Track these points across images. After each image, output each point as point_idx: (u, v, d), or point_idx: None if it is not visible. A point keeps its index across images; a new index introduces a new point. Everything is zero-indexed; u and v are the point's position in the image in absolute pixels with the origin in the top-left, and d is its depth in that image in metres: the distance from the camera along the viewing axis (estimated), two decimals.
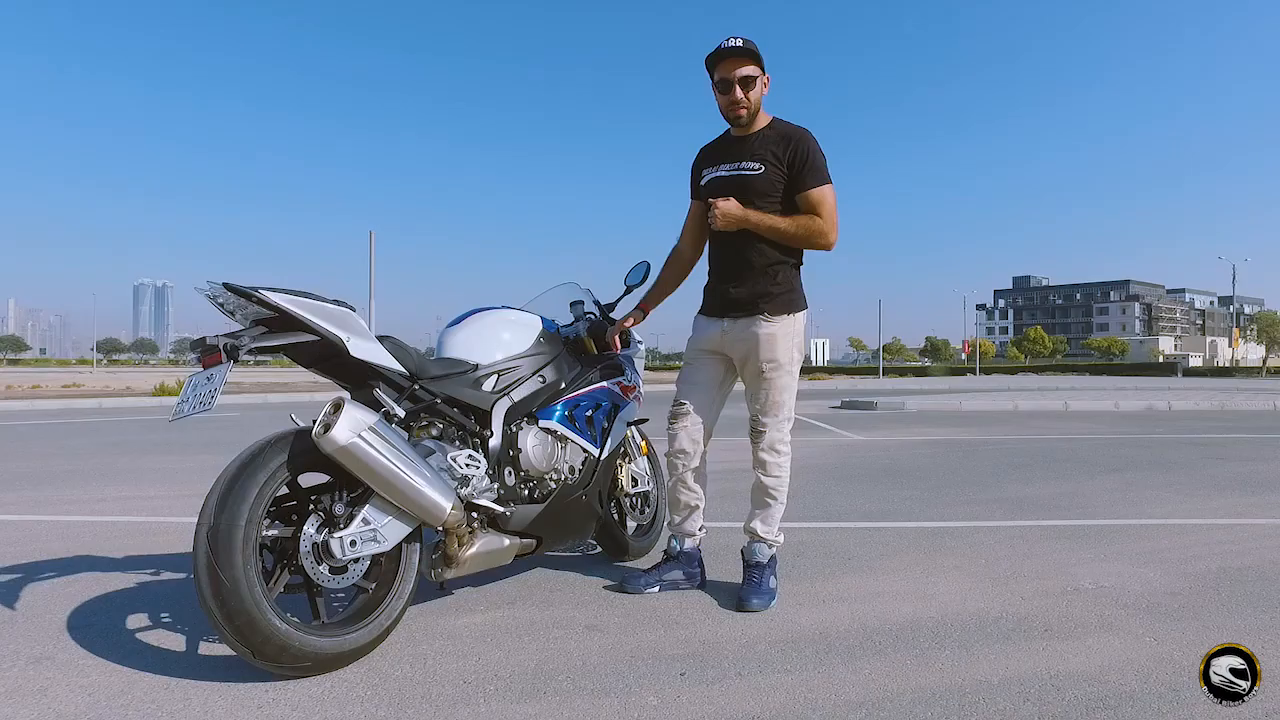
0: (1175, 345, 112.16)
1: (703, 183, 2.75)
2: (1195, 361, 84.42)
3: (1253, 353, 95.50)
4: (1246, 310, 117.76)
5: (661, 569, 2.75)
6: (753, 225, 2.58)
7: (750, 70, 2.57)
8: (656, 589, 2.70)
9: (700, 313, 2.80)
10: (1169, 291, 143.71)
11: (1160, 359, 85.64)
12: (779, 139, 2.63)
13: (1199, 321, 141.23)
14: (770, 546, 2.67)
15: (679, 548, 2.77)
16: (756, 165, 2.61)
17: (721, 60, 2.58)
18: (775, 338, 2.61)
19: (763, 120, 2.68)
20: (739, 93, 2.58)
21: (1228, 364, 75.02)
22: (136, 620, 2.43)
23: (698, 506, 2.78)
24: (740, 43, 2.56)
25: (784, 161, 2.60)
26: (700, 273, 2.92)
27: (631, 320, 2.95)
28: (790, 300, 2.65)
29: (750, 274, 2.64)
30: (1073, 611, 2.49)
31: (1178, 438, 8.14)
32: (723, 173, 2.67)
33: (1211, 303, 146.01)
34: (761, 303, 2.62)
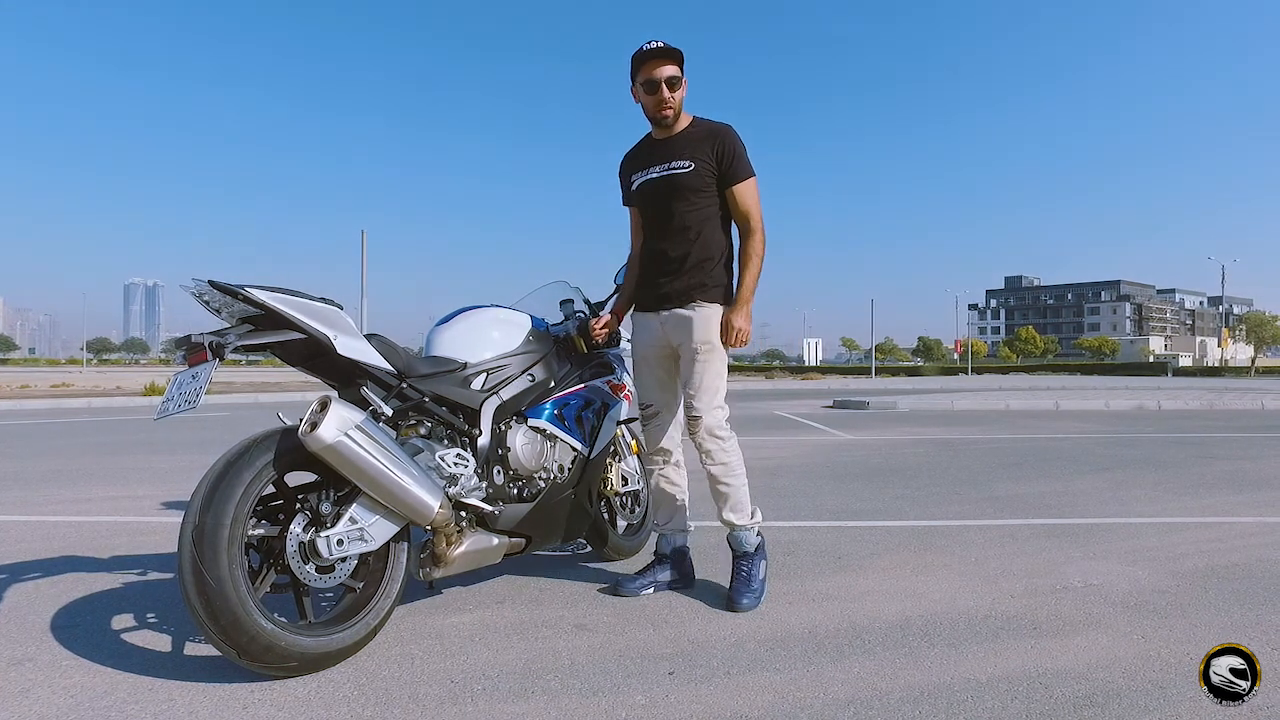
0: (1165, 345, 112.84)
1: (634, 188, 2.78)
2: (1185, 361, 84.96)
3: (1241, 352, 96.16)
4: (1235, 310, 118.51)
5: (654, 570, 2.75)
6: (750, 298, 2.65)
7: (673, 70, 2.62)
8: (651, 590, 2.70)
9: (636, 309, 2.84)
10: (1159, 292, 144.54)
11: (1150, 359, 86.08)
12: (704, 136, 2.68)
13: (1189, 321, 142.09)
14: (750, 530, 2.67)
15: (669, 547, 2.77)
16: (686, 163, 2.65)
17: (645, 62, 2.63)
18: (710, 320, 2.65)
19: (684, 120, 2.72)
20: (665, 92, 2.63)
21: (1217, 364, 75.49)
22: (121, 621, 2.41)
23: (682, 503, 2.80)
24: (661, 44, 2.61)
25: (713, 158, 2.66)
26: None
27: (606, 323, 2.91)
28: (722, 292, 2.70)
29: (685, 269, 2.68)
30: (1061, 609, 2.49)
31: (1167, 437, 8.18)
32: (653, 175, 2.71)
33: (1201, 303, 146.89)
34: (695, 293, 2.67)
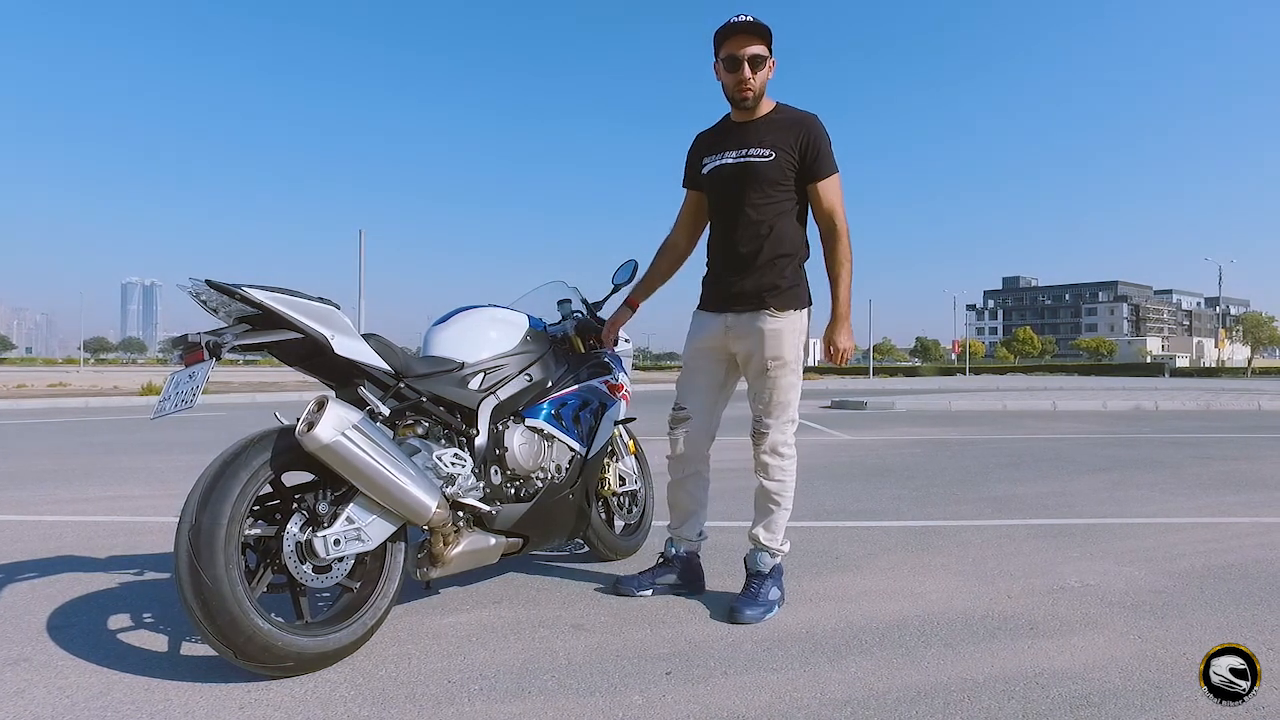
0: (1163, 346, 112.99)
1: (705, 171, 2.61)
2: (1182, 362, 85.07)
3: (1238, 353, 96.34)
4: (1232, 311, 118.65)
5: (656, 572, 2.69)
6: (848, 313, 2.53)
7: (759, 49, 2.44)
8: (649, 592, 2.64)
9: (700, 308, 2.67)
10: (1156, 292, 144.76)
11: (1148, 359, 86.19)
12: (788, 125, 2.51)
13: (1186, 322, 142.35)
14: (774, 555, 2.56)
15: (675, 551, 2.70)
16: (767, 152, 2.48)
17: (730, 36, 2.45)
18: (781, 334, 2.50)
19: (767, 105, 2.55)
20: (747, 71, 2.45)
21: (1214, 364, 75.62)
22: (118, 621, 2.40)
23: (697, 512, 2.71)
24: (750, 19, 2.44)
25: (796, 149, 2.49)
26: (688, 271, 2.88)
27: (620, 318, 2.89)
28: (796, 295, 2.54)
29: (755, 266, 2.52)
30: (1058, 610, 2.50)
31: (1164, 437, 8.20)
32: (729, 160, 2.53)
33: (1198, 304, 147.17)
34: (767, 296, 2.51)
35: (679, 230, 2.80)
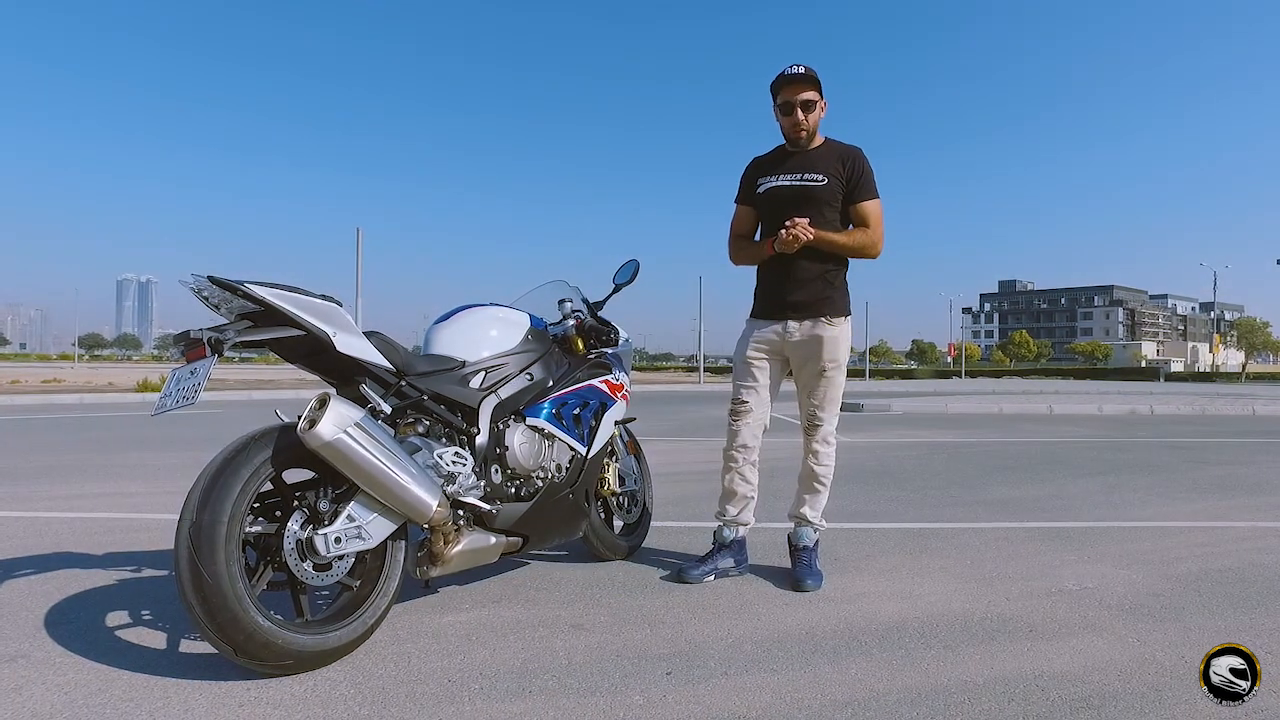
0: (1157, 350, 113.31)
1: (760, 190, 2.90)
2: (1177, 366, 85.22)
3: (1233, 358, 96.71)
4: (1227, 316, 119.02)
5: (716, 557, 2.87)
6: (819, 244, 2.76)
7: (811, 95, 2.78)
8: (712, 577, 2.82)
9: (755, 316, 2.95)
10: (1152, 297, 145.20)
11: (1143, 364, 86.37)
12: (837, 155, 2.84)
13: (1181, 327, 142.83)
14: (816, 530, 2.91)
15: (731, 536, 2.89)
16: (820, 177, 2.80)
17: (785, 85, 2.78)
18: (838, 340, 2.83)
19: (817, 140, 2.88)
20: (800, 115, 2.78)
21: (1208, 369, 75.84)
22: (116, 618, 2.39)
23: (752, 498, 2.93)
24: (802, 70, 2.76)
25: (844, 175, 2.82)
26: (680, 277, 2.96)
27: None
28: (845, 303, 2.89)
29: (811, 279, 2.82)
30: (1056, 612, 2.50)
31: (1160, 441, 8.22)
32: (784, 181, 2.84)
33: (1193, 308, 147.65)
34: (823, 306, 2.83)
35: (743, 229, 3.02)
